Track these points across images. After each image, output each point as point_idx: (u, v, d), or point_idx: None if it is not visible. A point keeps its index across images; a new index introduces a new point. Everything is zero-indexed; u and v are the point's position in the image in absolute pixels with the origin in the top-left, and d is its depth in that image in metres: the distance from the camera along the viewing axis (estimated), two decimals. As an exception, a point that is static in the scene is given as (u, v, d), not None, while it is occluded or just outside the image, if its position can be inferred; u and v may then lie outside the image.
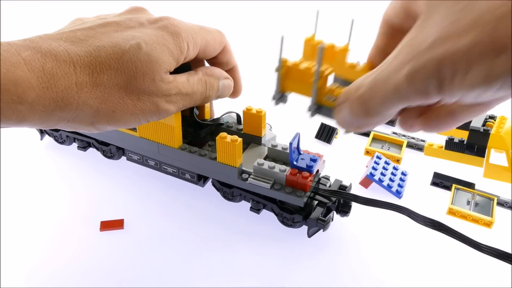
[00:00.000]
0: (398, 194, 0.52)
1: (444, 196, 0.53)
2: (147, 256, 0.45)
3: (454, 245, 0.46)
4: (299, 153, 0.45)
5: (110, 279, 0.42)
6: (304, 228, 0.46)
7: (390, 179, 0.53)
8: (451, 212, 0.50)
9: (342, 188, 0.47)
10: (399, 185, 0.53)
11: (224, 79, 0.43)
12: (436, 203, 0.51)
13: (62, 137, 0.57)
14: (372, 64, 0.34)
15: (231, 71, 0.46)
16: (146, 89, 0.34)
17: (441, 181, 0.54)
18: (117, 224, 0.47)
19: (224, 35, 0.44)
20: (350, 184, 0.48)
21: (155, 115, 0.36)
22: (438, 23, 0.24)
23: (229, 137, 0.43)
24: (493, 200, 0.51)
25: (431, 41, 0.23)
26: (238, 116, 0.53)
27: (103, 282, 0.42)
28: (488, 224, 0.48)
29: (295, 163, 0.43)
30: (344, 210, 0.46)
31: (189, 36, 0.38)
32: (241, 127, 0.51)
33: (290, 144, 0.42)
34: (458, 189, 0.53)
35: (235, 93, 0.47)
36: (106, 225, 0.47)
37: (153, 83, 0.35)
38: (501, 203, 0.51)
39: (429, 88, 0.24)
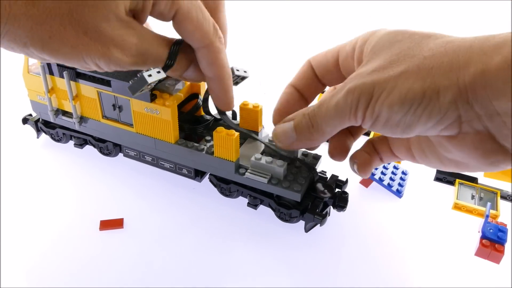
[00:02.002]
0: (398, 193, 0.52)
1: (447, 191, 0.53)
2: (145, 253, 0.44)
3: (453, 243, 0.46)
4: None
5: (109, 279, 0.42)
6: (301, 223, 0.46)
7: (391, 178, 0.53)
8: (456, 207, 0.50)
9: (339, 183, 0.47)
10: (400, 185, 0.53)
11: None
12: (441, 199, 0.51)
13: (58, 135, 0.57)
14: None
15: (218, 79, 0.40)
16: (97, 26, 0.30)
17: (445, 176, 0.54)
18: (116, 224, 0.47)
19: (220, 38, 0.38)
20: (347, 179, 0.48)
21: (103, 59, 0.31)
22: (380, 60, 0.30)
23: (225, 132, 0.43)
24: (496, 193, 0.51)
25: (371, 70, 0.30)
26: (233, 112, 0.52)
27: (103, 282, 0.42)
28: (494, 218, 0.48)
29: None
30: (340, 205, 0.45)
31: None
32: (237, 122, 0.51)
33: None
34: (462, 184, 0.53)
35: (223, 105, 0.42)
36: (106, 225, 0.47)
37: (106, 21, 0.30)
38: (504, 197, 0.51)
39: (359, 104, 0.30)
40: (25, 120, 0.58)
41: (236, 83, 0.49)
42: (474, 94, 0.26)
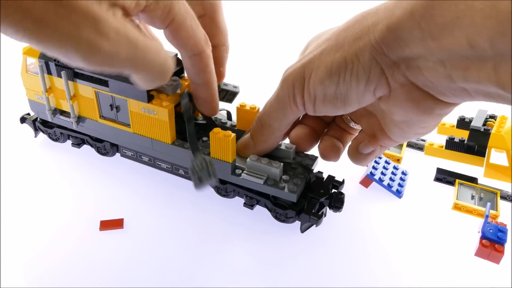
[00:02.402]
0: (398, 193, 0.52)
1: (447, 192, 0.53)
2: (145, 254, 0.44)
3: (453, 243, 0.46)
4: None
5: (110, 279, 0.42)
6: (297, 223, 0.46)
7: (391, 179, 0.53)
8: (456, 207, 0.50)
9: (336, 183, 0.47)
10: (400, 185, 0.53)
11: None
12: (440, 199, 0.51)
13: (56, 134, 0.57)
14: None
15: (208, 85, 0.42)
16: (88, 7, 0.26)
17: (444, 176, 0.54)
18: (116, 224, 0.47)
19: (209, 46, 0.39)
20: (343, 179, 0.47)
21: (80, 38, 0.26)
22: (307, 51, 0.34)
23: (222, 133, 0.43)
24: (496, 194, 0.51)
25: (300, 59, 0.33)
26: (228, 113, 0.52)
27: (103, 282, 0.41)
28: (494, 218, 0.48)
29: None
30: (336, 205, 0.45)
31: None
32: (233, 123, 0.51)
33: None
34: (461, 184, 0.53)
35: (209, 109, 0.43)
36: (106, 225, 0.47)
37: (98, 5, 0.26)
38: (504, 197, 0.51)
39: (295, 88, 0.33)
40: (23, 119, 0.58)
41: (229, 100, 0.49)
42: (388, 47, 0.29)
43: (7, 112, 0.64)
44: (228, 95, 0.49)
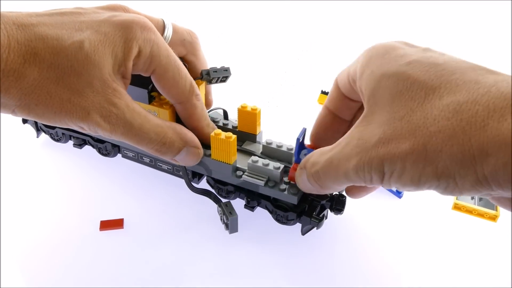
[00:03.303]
0: (398, 194, 0.52)
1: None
2: (144, 254, 0.44)
3: (453, 244, 0.46)
4: (304, 148, 0.44)
5: (110, 279, 0.42)
6: (298, 225, 0.46)
7: (390, 179, 0.53)
8: (456, 207, 0.50)
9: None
10: (400, 185, 0.53)
11: (193, 147, 0.40)
12: (441, 199, 0.51)
13: (58, 135, 0.57)
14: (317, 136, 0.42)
15: (196, 129, 0.44)
16: (81, 92, 0.32)
17: None
18: (116, 224, 0.47)
19: (197, 95, 0.41)
20: None
21: (83, 122, 0.33)
22: (380, 125, 0.28)
23: (223, 134, 0.43)
24: None
25: (375, 141, 0.28)
26: (225, 112, 0.52)
27: (103, 282, 0.42)
28: (493, 218, 0.48)
29: (300, 158, 0.43)
30: (338, 208, 0.45)
31: (146, 45, 0.36)
32: (234, 124, 0.51)
33: (297, 139, 0.41)
34: None
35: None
36: (106, 225, 0.47)
37: (90, 86, 0.32)
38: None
39: (372, 179, 0.29)
40: (25, 120, 0.58)
41: (223, 81, 0.50)
42: (498, 184, 0.24)
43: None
44: (220, 80, 0.50)
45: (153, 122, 0.37)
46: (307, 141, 0.43)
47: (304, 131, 0.43)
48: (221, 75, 0.49)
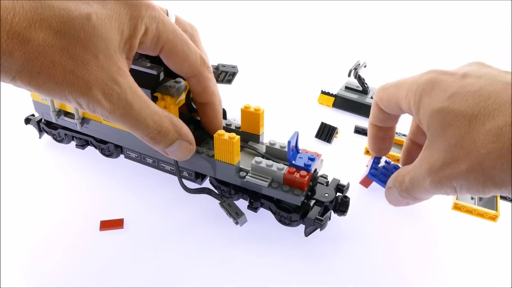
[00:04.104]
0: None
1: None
2: (145, 254, 0.44)
3: (453, 244, 0.46)
4: (298, 152, 0.44)
5: (110, 279, 0.42)
6: (301, 227, 0.46)
7: (391, 179, 0.53)
8: (456, 207, 0.50)
9: (340, 187, 0.47)
10: (400, 185, 0.53)
11: (186, 141, 0.39)
12: (441, 199, 0.51)
13: (60, 136, 0.57)
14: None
15: (209, 105, 0.45)
16: (85, 63, 0.31)
17: None
18: (117, 224, 0.47)
19: (209, 68, 0.42)
20: (348, 183, 0.47)
21: (83, 97, 0.32)
22: (440, 151, 0.33)
23: (227, 135, 0.43)
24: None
25: (439, 165, 0.33)
26: (224, 111, 0.52)
27: (103, 282, 0.42)
28: (493, 218, 0.48)
29: (293, 162, 0.43)
30: (341, 209, 0.45)
31: (152, 23, 0.35)
32: (237, 125, 0.51)
33: (289, 142, 0.42)
34: None
35: (212, 128, 0.45)
36: (106, 225, 0.47)
37: (95, 60, 0.31)
38: (504, 197, 0.51)
39: (448, 192, 0.33)
40: (27, 120, 0.58)
41: (228, 82, 0.50)
42: None
43: (11, 113, 0.64)
44: (228, 75, 0.50)
45: (152, 109, 0.36)
46: (305, 146, 0.43)
47: (296, 135, 0.43)
48: (229, 70, 0.48)
